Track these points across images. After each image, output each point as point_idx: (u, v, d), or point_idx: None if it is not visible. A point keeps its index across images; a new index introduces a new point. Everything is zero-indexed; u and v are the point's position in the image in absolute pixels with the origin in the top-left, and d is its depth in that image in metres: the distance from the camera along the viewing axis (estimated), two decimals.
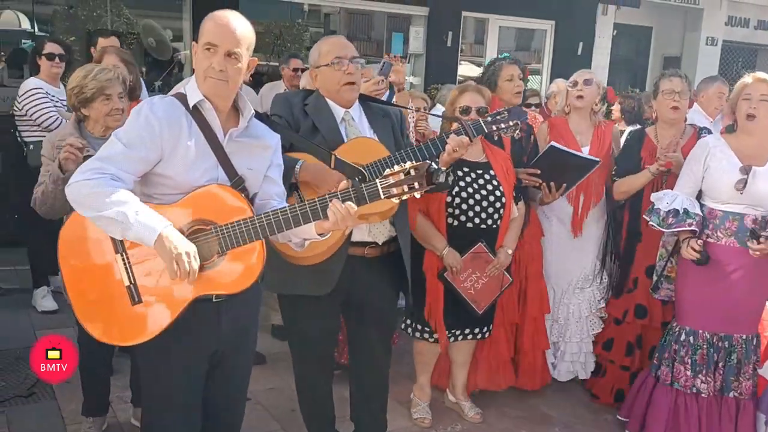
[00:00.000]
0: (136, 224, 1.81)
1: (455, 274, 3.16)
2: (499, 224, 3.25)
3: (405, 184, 1.90)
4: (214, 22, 1.98)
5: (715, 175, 3.09)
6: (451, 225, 3.19)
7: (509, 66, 3.67)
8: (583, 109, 3.75)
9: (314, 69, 2.70)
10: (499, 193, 3.21)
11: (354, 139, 2.65)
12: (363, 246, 2.70)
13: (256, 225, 1.93)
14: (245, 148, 2.09)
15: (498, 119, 2.69)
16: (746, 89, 3.06)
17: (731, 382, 3.14)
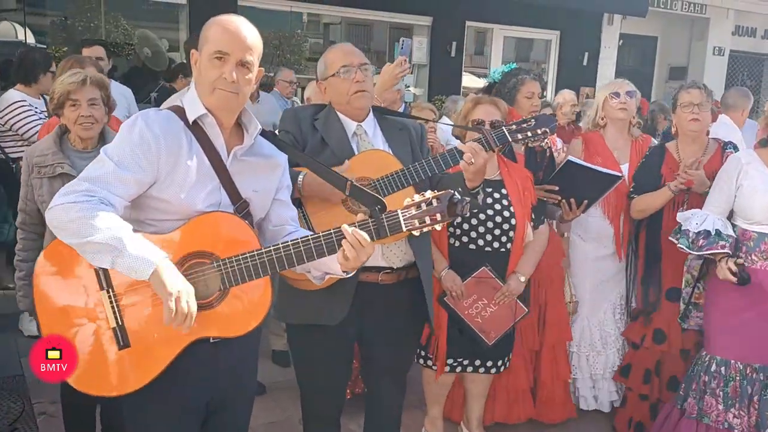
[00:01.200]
0: (129, 253, 1.59)
1: (456, 299, 2.92)
2: (508, 248, 2.99)
3: (427, 215, 1.72)
4: (223, 28, 1.77)
5: (749, 194, 2.88)
6: (453, 246, 2.96)
7: (531, 82, 3.46)
8: (621, 123, 3.53)
9: (322, 82, 2.51)
10: (508, 214, 2.96)
11: (365, 152, 2.45)
12: (377, 271, 2.46)
13: (264, 260, 1.73)
14: (251, 168, 1.88)
15: (524, 127, 2.41)
16: None
17: (767, 418, 2.91)
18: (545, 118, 2.46)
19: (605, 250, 3.55)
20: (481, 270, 2.93)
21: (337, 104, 2.50)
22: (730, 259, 2.83)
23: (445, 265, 2.93)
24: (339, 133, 2.45)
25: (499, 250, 2.97)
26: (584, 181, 3.24)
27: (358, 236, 1.72)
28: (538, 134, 2.42)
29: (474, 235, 2.94)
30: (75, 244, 1.63)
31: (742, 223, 2.94)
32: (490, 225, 2.94)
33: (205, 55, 1.76)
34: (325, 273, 1.93)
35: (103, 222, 1.59)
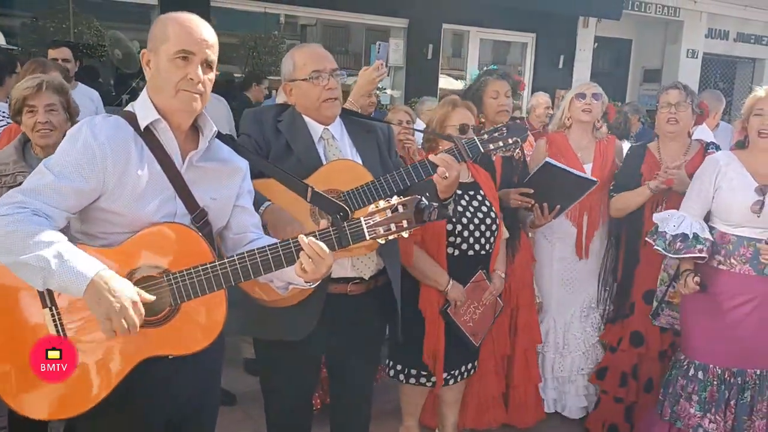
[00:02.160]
0: (59, 270, 1.49)
1: (458, 308, 2.87)
2: (493, 248, 2.98)
3: (393, 222, 1.65)
4: (184, 26, 1.68)
5: (728, 196, 2.85)
6: (452, 255, 2.88)
7: (495, 82, 3.42)
8: (585, 124, 3.51)
9: (288, 83, 2.40)
10: (493, 215, 2.95)
11: (333, 162, 2.35)
12: (346, 282, 2.39)
13: (218, 273, 1.64)
14: (208, 174, 1.79)
15: (495, 137, 2.37)
16: (758, 104, 2.83)
17: (743, 422, 2.90)
18: (517, 127, 2.42)
19: (570, 251, 3.53)
20: (477, 274, 2.91)
21: (303, 108, 2.40)
22: (691, 275, 2.85)
23: (448, 278, 2.85)
24: (305, 138, 2.36)
25: (489, 252, 2.95)
26: (560, 184, 3.21)
27: (315, 246, 1.64)
28: (509, 143, 2.38)
29: (471, 241, 2.89)
30: (7, 263, 1.53)
31: (720, 225, 2.91)
32: (483, 228, 2.91)
33: (166, 55, 1.66)
34: (288, 283, 1.84)
35: (33, 238, 1.49)
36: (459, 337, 2.92)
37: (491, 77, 3.46)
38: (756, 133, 2.83)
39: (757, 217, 2.76)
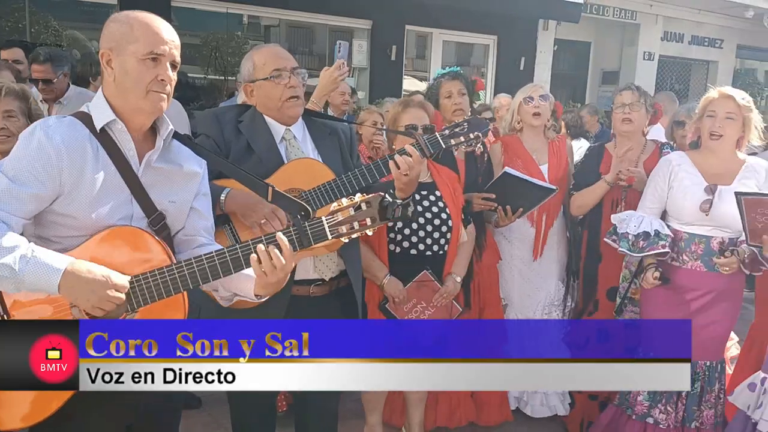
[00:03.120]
0: (28, 271, 1.48)
1: (397, 305, 2.88)
2: (446, 250, 2.97)
3: (356, 220, 1.64)
4: (150, 27, 1.66)
5: (679, 195, 2.94)
6: (394, 252, 2.90)
7: (448, 82, 3.44)
8: (537, 127, 3.57)
9: (249, 83, 2.37)
10: (445, 216, 2.94)
11: (294, 161, 2.34)
12: (308, 284, 2.39)
13: (175, 276, 1.63)
14: (166, 176, 1.77)
15: (457, 132, 2.36)
16: (711, 105, 2.91)
17: (693, 412, 3.00)
18: (478, 122, 2.42)
19: (529, 251, 3.58)
20: (422, 273, 2.89)
21: (265, 108, 2.38)
22: (653, 270, 2.92)
23: (386, 272, 2.86)
24: (266, 139, 2.34)
25: (438, 253, 2.94)
26: (520, 192, 3.27)
27: (270, 251, 1.63)
28: (471, 138, 2.39)
29: (415, 240, 2.89)
30: None
31: (674, 223, 3.00)
32: (429, 228, 2.90)
33: (134, 56, 1.63)
34: (234, 294, 1.83)
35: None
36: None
37: (443, 78, 3.49)
38: (708, 134, 2.91)
39: (705, 215, 2.85)
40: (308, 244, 1.67)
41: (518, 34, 9.99)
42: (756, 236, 2.54)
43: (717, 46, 13.05)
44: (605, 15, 11.05)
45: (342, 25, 8.95)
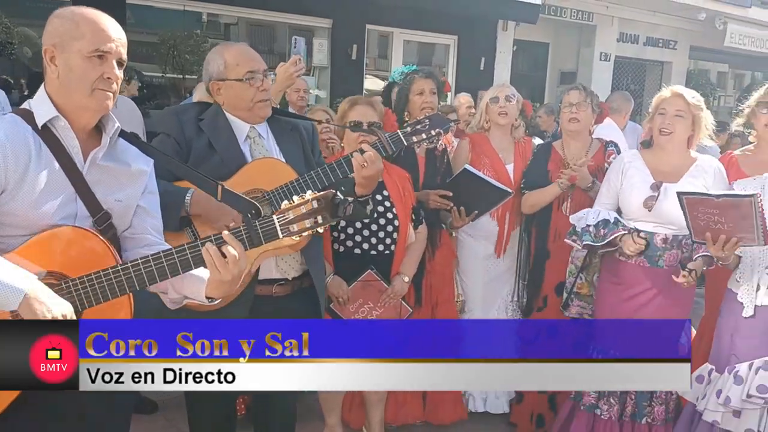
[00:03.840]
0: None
1: (342, 304, 2.88)
2: (393, 249, 2.98)
3: (307, 218, 1.64)
4: (96, 24, 1.63)
5: (627, 191, 3.01)
6: (337, 251, 2.90)
7: (421, 80, 3.46)
8: (504, 126, 3.61)
9: (218, 82, 2.35)
10: (391, 216, 2.95)
11: (256, 161, 2.33)
12: (271, 284, 2.38)
13: (121, 278, 1.60)
14: (112, 174, 1.74)
15: (418, 129, 2.38)
16: (662, 103, 2.98)
17: (644, 407, 3.06)
18: (439, 119, 2.44)
19: (494, 249, 3.62)
20: (366, 273, 2.89)
21: (232, 108, 2.36)
22: (633, 233, 2.89)
23: (330, 272, 2.86)
24: (228, 138, 2.32)
25: (383, 253, 2.94)
26: (477, 192, 3.30)
27: (221, 249, 1.62)
28: (432, 135, 2.40)
29: (359, 239, 2.89)
30: None
31: (623, 219, 3.04)
32: (374, 228, 2.91)
33: (80, 53, 1.60)
34: (184, 297, 1.80)
35: None
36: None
37: (417, 75, 3.50)
38: (658, 131, 2.97)
39: (649, 211, 2.91)
40: (259, 243, 1.66)
41: (478, 35, 10.09)
42: (699, 233, 2.61)
43: (671, 48, 13.37)
44: (562, 16, 11.22)
45: (302, 24, 8.91)
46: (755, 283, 2.73)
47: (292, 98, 4.66)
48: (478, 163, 3.46)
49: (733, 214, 2.49)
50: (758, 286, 2.72)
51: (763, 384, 2.66)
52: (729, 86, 15.58)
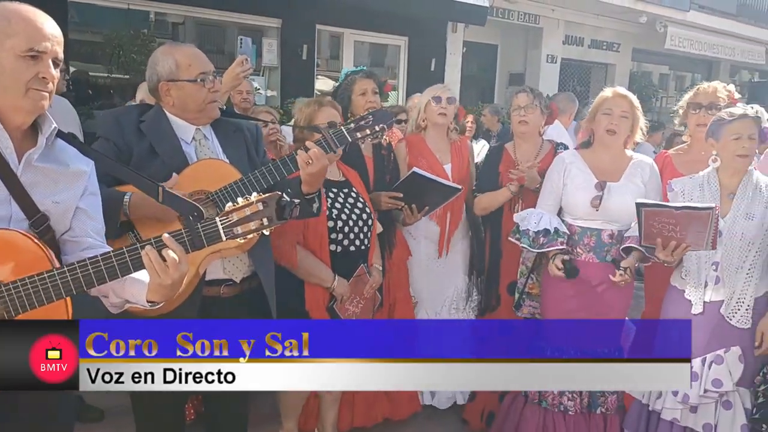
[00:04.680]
0: None
1: (343, 303, 2.93)
2: (370, 242, 3.07)
3: (251, 220, 1.62)
4: (30, 22, 1.57)
5: (572, 192, 3.09)
6: (335, 252, 2.93)
7: (363, 80, 3.49)
8: (441, 126, 3.65)
9: (168, 83, 2.30)
10: (369, 210, 3.04)
11: (199, 162, 2.29)
12: (219, 284, 2.36)
13: (57, 282, 1.56)
14: (49, 176, 1.68)
15: (362, 125, 2.38)
16: (606, 104, 3.07)
17: (598, 398, 3.15)
18: (382, 114, 2.44)
19: (435, 248, 3.67)
20: (359, 268, 2.97)
21: (181, 110, 2.32)
22: (559, 256, 3.03)
23: (333, 275, 2.88)
24: (170, 139, 2.28)
25: (367, 247, 3.03)
26: (427, 191, 3.34)
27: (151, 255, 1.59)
28: (376, 131, 2.41)
29: (352, 237, 2.94)
30: None
31: (568, 218, 3.14)
32: (360, 224, 2.97)
33: (13, 52, 1.55)
34: (125, 301, 1.77)
35: None
36: None
37: (357, 76, 3.53)
38: (604, 130, 3.06)
39: (596, 210, 3.01)
40: (201, 246, 1.64)
41: (428, 36, 10.16)
42: (650, 239, 2.71)
43: (614, 50, 13.73)
44: (510, 19, 11.40)
45: (251, 24, 8.82)
46: (702, 281, 2.83)
47: (236, 100, 4.61)
48: (415, 163, 3.49)
49: (688, 224, 2.59)
50: (706, 283, 2.82)
51: (717, 378, 2.76)
52: (671, 88, 16.08)
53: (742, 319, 2.78)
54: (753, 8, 15.40)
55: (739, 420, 2.81)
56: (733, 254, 2.77)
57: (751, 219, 2.76)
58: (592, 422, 3.16)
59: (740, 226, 2.76)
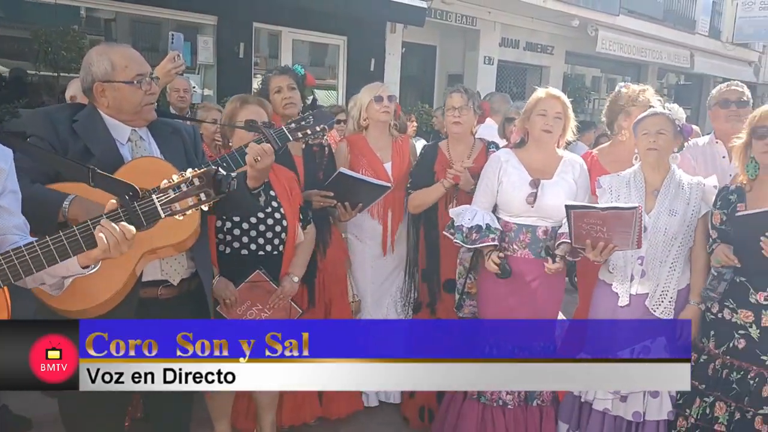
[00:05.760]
0: None
1: (229, 307, 2.84)
2: (281, 250, 2.98)
3: (189, 196, 1.59)
4: None
5: (508, 190, 3.16)
6: (224, 253, 2.86)
7: (277, 77, 3.48)
8: (383, 125, 3.66)
9: (102, 83, 2.25)
10: (279, 216, 2.94)
11: (135, 160, 2.25)
12: (156, 286, 2.31)
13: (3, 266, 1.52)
14: None
15: (303, 125, 2.40)
16: (540, 104, 3.14)
17: (534, 391, 3.22)
18: (323, 115, 2.47)
19: (379, 248, 3.69)
20: (254, 274, 2.86)
21: (116, 110, 2.27)
22: (495, 252, 3.09)
23: (215, 273, 2.81)
24: (106, 140, 2.23)
25: (272, 253, 2.93)
26: (356, 190, 3.35)
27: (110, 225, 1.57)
28: (317, 131, 2.43)
29: (246, 240, 2.86)
30: None
31: (504, 215, 3.21)
32: (262, 228, 2.89)
33: None
34: (62, 278, 1.74)
35: None
36: None
37: (272, 74, 3.52)
38: (540, 130, 3.14)
39: (531, 207, 3.09)
40: (140, 225, 1.61)
41: (367, 36, 10.18)
42: (580, 240, 2.81)
43: (549, 53, 14.08)
44: (448, 20, 11.52)
45: (186, 21, 8.64)
46: (629, 274, 2.96)
47: (172, 98, 4.52)
48: (356, 163, 3.50)
49: (614, 224, 2.71)
50: (632, 277, 2.94)
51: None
52: (603, 90, 16.59)
53: (666, 310, 2.91)
54: (678, 13, 16.09)
55: (666, 407, 2.94)
56: (657, 249, 2.90)
57: (674, 215, 2.89)
58: (529, 415, 3.24)
59: (664, 222, 2.89)
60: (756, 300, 2.70)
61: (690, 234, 2.93)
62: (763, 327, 2.68)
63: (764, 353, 2.67)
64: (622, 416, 2.97)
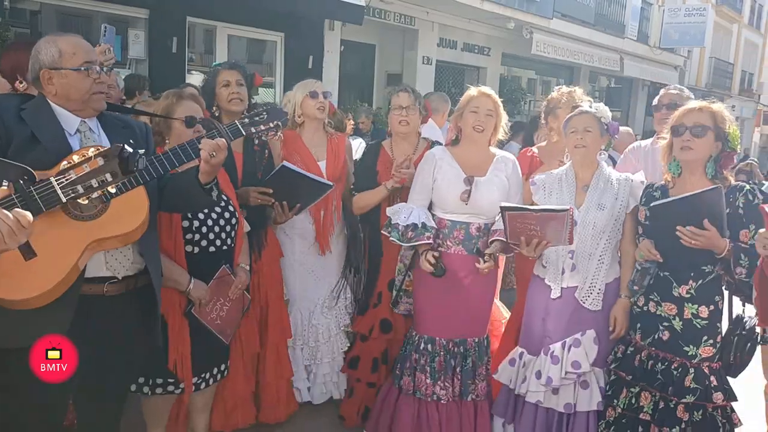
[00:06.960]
0: None
1: (203, 307, 2.79)
2: (235, 242, 2.96)
3: (93, 177, 1.51)
4: None
5: (443, 187, 3.18)
6: (192, 253, 2.79)
7: (226, 71, 3.40)
8: (318, 122, 3.62)
9: (50, 70, 2.19)
10: (232, 209, 2.93)
11: (81, 150, 2.14)
12: (101, 282, 2.22)
13: None
14: None
15: (257, 120, 2.34)
16: (473, 102, 3.18)
17: (468, 386, 3.25)
18: (276, 111, 2.41)
19: (309, 245, 3.64)
20: (221, 269, 2.84)
21: (64, 99, 2.21)
22: (429, 252, 3.10)
23: (188, 277, 2.74)
24: (54, 129, 2.17)
25: (231, 247, 2.91)
26: (297, 187, 3.28)
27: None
28: (270, 127, 2.38)
29: (211, 237, 2.82)
30: None
31: (438, 212, 3.23)
32: (222, 223, 2.86)
33: None
34: None
35: None
36: (206, 337, 2.84)
37: (221, 67, 3.44)
38: (471, 128, 3.17)
39: (465, 204, 3.12)
40: (38, 210, 1.51)
41: (305, 33, 10.09)
42: (514, 237, 2.86)
43: (485, 54, 14.33)
44: (387, 19, 11.55)
45: (117, 14, 8.33)
46: (560, 268, 3.02)
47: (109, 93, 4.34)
48: (290, 159, 3.43)
49: (548, 224, 2.77)
50: (563, 270, 3.01)
51: (576, 360, 2.96)
52: (538, 91, 17.02)
53: (594, 302, 2.99)
54: (609, 18, 16.65)
55: (596, 398, 3.01)
56: (586, 242, 2.97)
57: (602, 209, 2.97)
58: (464, 409, 3.26)
59: (592, 216, 2.97)
60: (679, 293, 2.80)
61: (618, 228, 3.02)
62: (686, 319, 2.78)
63: (687, 344, 2.77)
64: (554, 408, 3.03)
